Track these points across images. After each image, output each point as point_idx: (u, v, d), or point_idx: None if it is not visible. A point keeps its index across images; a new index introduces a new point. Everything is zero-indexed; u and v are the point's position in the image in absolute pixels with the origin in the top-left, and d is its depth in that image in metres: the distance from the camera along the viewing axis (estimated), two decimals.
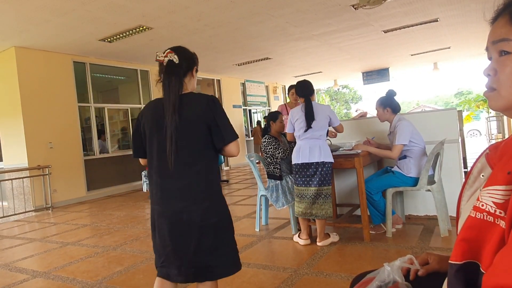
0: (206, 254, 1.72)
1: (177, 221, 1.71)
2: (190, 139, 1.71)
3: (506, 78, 0.72)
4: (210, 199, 1.74)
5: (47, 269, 3.53)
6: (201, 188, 1.72)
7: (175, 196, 1.72)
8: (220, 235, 1.76)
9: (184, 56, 1.80)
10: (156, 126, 1.75)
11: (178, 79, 1.74)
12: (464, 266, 0.71)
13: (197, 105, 1.73)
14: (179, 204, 1.71)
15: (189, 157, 1.71)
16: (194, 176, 1.72)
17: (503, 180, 0.66)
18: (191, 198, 1.71)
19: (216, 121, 1.72)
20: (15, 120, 7.28)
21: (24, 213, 6.96)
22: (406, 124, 3.38)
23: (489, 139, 14.06)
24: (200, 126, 1.70)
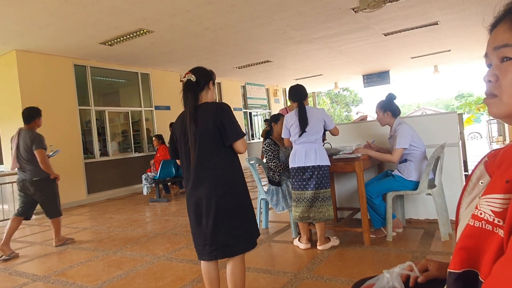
0: (223, 234, 2.10)
1: (199, 206, 2.14)
2: (205, 140, 2.11)
3: (508, 84, 0.71)
4: (225, 187, 2.12)
5: (47, 273, 3.52)
6: (218, 178, 2.12)
7: (197, 186, 2.15)
8: (234, 218, 2.12)
9: (200, 74, 2.22)
10: (182, 132, 2.19)
11: (193, 93, 2.17)
12: (463, 275, 0.71)
13: (208, 112, 2.13)
14: (200, 192, 2.13)
15: (206, 155, 2.12)
16: (211, 170, 2.12)
17: (502, 188, 0.66)
18: (209, 187, 2.11)
19: (223, 124, 2.10)
20: (16, 123, 7.26)
21: None
22: (407, 128, 3.38)
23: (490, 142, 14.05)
24: (211, 129, 2.10)
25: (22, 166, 4.37)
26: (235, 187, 2.17)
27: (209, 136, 2.10)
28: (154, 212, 6.27)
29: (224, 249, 2.12)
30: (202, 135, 2.10)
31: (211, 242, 2.11)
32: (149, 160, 8.75)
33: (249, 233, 2.19)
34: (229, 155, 2.17)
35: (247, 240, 2.18)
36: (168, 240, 4.30)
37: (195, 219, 2.17)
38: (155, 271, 3.30)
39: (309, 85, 15.65)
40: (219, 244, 2.11)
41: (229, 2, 5.72)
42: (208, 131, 2.10)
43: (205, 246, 2.13)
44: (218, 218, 2.08)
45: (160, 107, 10.27)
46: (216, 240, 2.10)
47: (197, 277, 3.03)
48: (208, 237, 2.11)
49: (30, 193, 4.38)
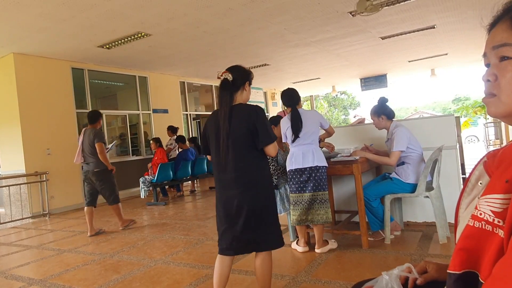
0: (251, 232, 2.19)
1: (230, 205, 2.21)
2: (237, 141, 2.18)
3: (507, 84, 0.71)
4: (256, 188, 2.21)
5: (43, 277, 3.50)
6: (248, 179, 2.20)
7: (228, 185, 2.22)
8: (263, 217, 2.22)
9: (237, 73, 2.29)
10: (214, 130, 2.26)
11: (229, 94, 2.23)
12: (463, 276, 0.71)
13: (243, 115, 2.20)
14: (231, 191, 2.21)
15: (238, 156, 2.19)
16: (242, 170, 2.19)
17: (501, 188, 0.66)
18: (241, 187, 2.19)
19: (256, 127, 2.16)
20: (13, 126, 7.26)
21: (21, 219, 6.91)
22: (403, 131, 3.39)
23: (487, 145, 14.09)
24: (244, 131, 2.17)
25: (86, 160, 5.10)
26: (265, 188, 2.27)
27: (242, 138, 2.18)
28: (151, 215, 6.24)
29: (253, 246, 2.24)
30: (235, 137, 2.18)
31: (241, 240, 2.20)
32: (146, 163, 8.73)
33: (277, 232, 2.30)
34: (260, 157, 2.26)
35: (275, 239, 2.28)
36: (166, 243, 4.28)
37: (225, 217, 2.25)
38: (152, 274, 3.28)
39: (306, 88, 15.69)
40: (248, 242, 2.21)
41: (226, 6, 5.73)
42: (242, 133, 2.17)
43: (233, 243, 2.22)
44: (249, 218, 2.17)
45: (158, 111, 10.26)
46: (246, 238, 2.20)
47: (195, 280, 3.01)
48: (238, 234, 2.20)
49: (92, 183, 5.11)
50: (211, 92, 12.71)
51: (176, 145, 8.63)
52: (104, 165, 5.06)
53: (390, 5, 6.29)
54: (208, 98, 12.89)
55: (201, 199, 7.56)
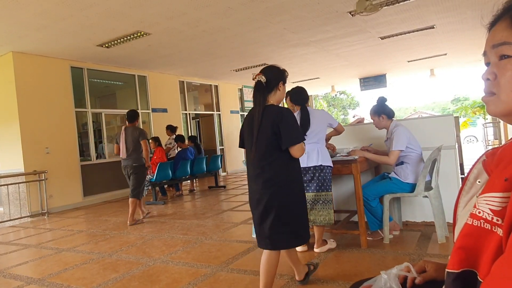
0: (267, 229, 2.28)
1: (253, 199, 2.36)
2: (265, 140, 2.29)
3: (506, 82, 0.71)
4: (277, 186, 2.27)
5: (41, 276, 3.49)
6: (269, 178, 2.28)
7: (253, 181, 2.37)
8: (281, 216, 2.27)
9: (271, 74, 2.39)
10: (248, 128, 2.41)
11: (262, 95, 2.35)
12: (462, 275, 0.70)
13: (271, 115, 2.30)
14: (255, 186, 2.35)
15: (264, 153, 2.30)
16: (266, 167, 2.30)
17: (500, 187, 0.65)
18: (261, 184, 2.30)
19: (280, 129, 2.25)
20: (12, 125, 7.25)
21: (20, 218, 6.90)
22: (403, 130, 3.39)
23: (485, 145, 14.11)
24: (269, 131, 2.28)
25: (128, 155, 5.52)
26: (286, 188, 2.31)
27: (266, 138, 2.29)
28: (150, 214, 6.24)
29: (267, 241, 2.31)
30: (261, 136, 2.30)
31: (260, 233, 2.35)
32: None
33: (294, 232, 2.35)
34: (284, 157, 2.31)
35: (291, 238, 2.35)
36: (164, 243, 4.28)
37: (252, 211, 2.42)
38: (150, 274, 3.27)
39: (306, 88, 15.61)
40: (264, 236, 2.32)
41: (226, 5, 5.73)
42: (267, 133, 2.28)
43: (258, 236, 2.38)
44: (264, 214, 2.29)
45: (157, 110, 10.26)
46: (263, 233, 2.32)
47: (193, 280, 3.01)
48: (257, 228, 2.36)
49: (129, 175, 5.55)
50: (211, 92, 12.70)
51: (175, 144, 8.62)
52: (142, 161, 5.56)
53: (389, 5, 6.29)
54: (208, 97, 12.88)
55: (200, 199, 7.55)
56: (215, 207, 6.36)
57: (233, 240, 4.14)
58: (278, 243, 2.32)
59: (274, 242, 2.30)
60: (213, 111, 12.72)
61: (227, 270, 3.17)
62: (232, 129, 13.36)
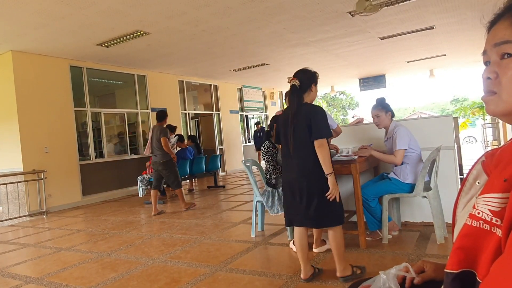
0: (313, 211, 2.61)
1: (293, 186, 2.68)
2: (300, 134, 2.63)
3: (508, 82, 0.70)
4: (314, 174, 2.61)
5: (40, 275, 3.49)
6: (307, 166, 2.62)
7: (289, 170, 2.73)
8: (321, 200, 2.60)
9: (305, 77, 2.71)
10: (284, 126, 2.75)
11: (297, 96, 2.68)
12: (460, 275, 0.70)
13: (305, 112, 2.63)
14: (294, 175, 2.67)
15: (298, 147, 2.64)
16: (302, 158, 2.64)
17: (500, 187, 0.65)
18: (297, 173, 2.65)
19: (311, 123, 2.59)
20: (11, 124, 7.24)
21: (19, 218, 6.90)
22: (405, 130, 3.40)
23: (484, 145, 14.12)
24: (304, 126, 2.61)
25: (154, 152, 6.04)
26: (320, 176, 2.61)
27: (301, 132, 2.62)
28: (149, 214, 6.23)
29: (312, 221, 2.67)
30: (298, 131, 2.63)
31: (304, 214, 2.65)
32: (144, 162, 8.71)
33: (335, 212, 2.66)
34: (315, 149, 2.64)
35: (333, 217, 2.67)
36: (163, 242, 4.28)
37: (290, 195, 2.72)
38: (149, 273, 3.27)
39: None
40: (309, 217, 2.64)
41: (225, 5, 5.72)
42: (302, 128, 2.61)
43: (298, 216, 2.70)
44: (309, 198, 2.61)
45: (156, 109, 10.20)
46: (308, 214, 2.63)
47: (192, 279, 3.01)
48: (302, 211, 2.65)
49: (159, 171, 6.09)
50: (210, 91, 12.69)
51: (175, 144, 8.61)
52: (169, 156, 6.01)
53: (389, 6, 6.29)
54: (207, 97, 12.87)
55: (199, 198, 7.55)
56: (214, 207, 6.36)
57: (232, 239, 4.14)
58: (325, 222, 2.67)
59: (322, 222, 2.67)
60: (213, 111, 12.71)
61: (226, 269, 3.17)
62: (232, 129, 13.35)
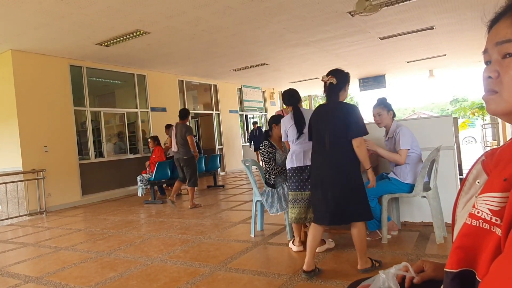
0: (346, 205, 2.69)
1: (325, 183, 2.74)
2: (337, 131, 2.71)
3: (510, 81, 0.70)
4: (349, 170, 2.72)
5: (39, 275, 3.48)
6: (343, 162, 2.71)
7: (325, 166, 2.76)
8: (356, 194, 2.72)
9: (340, 77, 2.78)
10: (318, 121, 2.84)
11: (335, 94, 2.78)
12: (460, 274, 0.70)
13: (342, 110, 2.73)
14: (328, 172, 2.74)
15: (336, 142, 2.72)
16: (339, 155, 2.72)
17: (499, 187, 0.65)
18: (336, 169, 2.72)
19: (349, 122, 2.68)
20: (10, 123, 7.23)
21: (18, 217, 6.89)
22: (407, 130, 3.41)
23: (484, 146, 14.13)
24: (341, 124, 2.70)
25: (178, 149, 6.40)
26: (354, 172, 2.73)
27: (338, 130, 2.70)
28: (149, 213, 6.24)
29: (344, 217, 2.73)
30: (335, 128, 2.71)
31: (334, 211, 2.69)
32: (144, 161, 8.71)
33: (365, 207, 2.76)
34: (351, 146, 2.70)
35: (364, 212, 2.76)
36: (163, 242, 4.28)
37: (321, 192, 2.75)
38: (149, 273, 3.27)
39: (305, 88, 15.68)
40: (340, 213, 2.70)
41: (225, 4, 5.72)
42: (339, 126, 2.69)
43: (327, 213, 2.72)
44: (344, 193, 2.68)
45: (156, 109, 10.25)
46: (339, 210, 2.69)
47: (191, 279, 3.01)
48: (332, 207, 2.69)
49: (181, 167, 6.46)
50: (210, 91, 12.69)
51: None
52: (191, 154, 6.38)
53: (389, 6, 6.29)
54: (207, 97, 12.87)
55: (199, 198, 7.55)
56: (213, 207, 6.36)
57: (231, 239, 4.14)
58: (357, 217, 2.73)
59: (353, 216, 2.72)
60: (212, 111, 12.71)
61: (226, 269, 3.17)
62: (231, 128, 13.35)
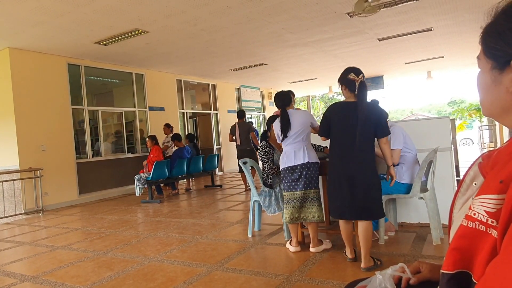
0: (369, 201, 2.79)
1: (351, 179, 2.80)
2: (366, 130, 2.79)
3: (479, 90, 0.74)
4: (373, 167, 2.83)
5: (36, 273, 3.47)
6: (368, 160, 2.82)
7: (351, 163, 2.82)
8: (376, 191, 2.82)
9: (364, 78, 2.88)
10: (345, 117, 2.86)
11: (365, 94, 2.84)
12: (456, 276, 0.71)
13: (374, 111, 2.84)
14: (355, 167, 2.81)
15: (362, 141, 2.78)
16: (365, 152, 2.80)
17: (496, 189, 0.66)
18: (360, 165, 2.80)
19: (379, 121, 2.81)
20: (7, 121, 7.21)
21: (14, 215, 6.87)
22: (399, 129, 3.42)
23: (481, 147, 14.17)
24: (371, 122, 2.80)
25: (241, 142, 7.88)
26: (375, 170, 2.84)
27: (368, 128, 2.79)
28: (146, 213, 6.23)
29: (364, 213, 2.80)
30: (365, 127, 2.78)
31: (356, 206, 2.78)
32: (142, 161, 8.70)
33: (381, 205, 2.87)
34: (373, 146, 2.84)
35: (381, 209, 2.87)
36: (160, 241, 4.27)
37: (347, 188, 2.81)
38: (145, 272, 3.27)
39: (303, 88, 15.70)
40: (361, 208, 2.78)
41: (224, 4, 5.72)
42: (368, 124, 2.78)
43: (347, 208, 2.83)
44: (367, 190, 2.77)
45: (154, 108, 10.23)
46: (360, 206, 2.78)
47: (188, 279, 3.01)
48: (354, 203, 2.79)
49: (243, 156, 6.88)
50: (208, 90, 12.68)
51: (173, 143, 8.60)
52: (251, 146, 7.85)
53: (387, 7, 6.31)
54: (205, 96, 12.86)
55: (196, 198, 7.54)
56: (211, 206, 6.36)
57: (228, 239, 4.13)
58: (376, 213, 2.83)
59: (373, 212, 2.81)
60: (211, 110, 12.70)
61: (222, 269, 3.17)
62: (229, 128, 13.32)
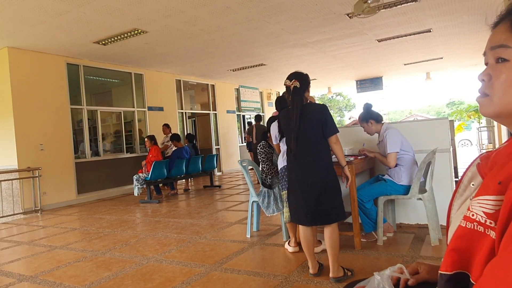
0: (324, 206, 2.68)
1: (307, 183, 2.70)
2: (311, 132, 2.71)
3: (499, 85, 0.72)
4: (326, 171, 2.72)
5: (34, 273, 3.47)
6: (319, 163, 2.71)
7: (301, 167, 2.74)
8: (333, 193, 2.72)
9: (302, 80, 2.79)
10: (287, 125, 2.82)
11: (301, 97, 2.77)
12: (454, 277, 0.71)
13: (316, 111, 2.75)
14: (310, 171, 2.71)
15: (311, 144, 2.72)
16: (314, 156, 2.71)
17: (494, 190, 0.66)
18: (313, 169, 2.70)
19: (325, 121, 2.71)
20: (6, 121, 7.19)
21: (13, 215, 6.85)
22: (395, 132, 3.42)
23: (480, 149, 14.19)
24: (316, 124, 2.71)
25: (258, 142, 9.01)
26: (332, 170, 2.76)
27: (314, 129, 2.71)
28: (144, 213, 6.22)
29: (323, 218, 2.71)
30: (308, 129, 2.70)
31: (314, 212, 2.68)
32: (140, 161, 8.69)
33: (341, 206, 2.77)
34: (327, 145, 2.77)
35: (341, 212, 2.76)
36: (158, 241, 4.27)
37: (300, 193, 2.73)
38: (144, 272, 3.26)
39: None
40: (320, 214, 2.69)
41: (224, 4, 5.72)
42: (313, 126, 2.71)
43: (307, 215, 2.70)
44: (321, 194, 2.67)
45: (153, 108, 10.23)
46: (318, 210, 2.68)
47: (187, 279, 3.00)
48: (312, 208, 2.68)
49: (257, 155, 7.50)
50: (207, 91, 12.67)
51: (172, 143, 8.59)
52: None
53: (387, 8, 6.32)
54: (204, 96, 12.85)
55: (195, 198, 7.54)
56: (209, 207, 6.35)
57: (227, 239, 4.13)
58: (336, 217, 2.73)
59: (332, 217, 2.71)
60: (210, 111, 12.70)
61: (221, 269, 3.17)
62: (228, 129, 13.34)
